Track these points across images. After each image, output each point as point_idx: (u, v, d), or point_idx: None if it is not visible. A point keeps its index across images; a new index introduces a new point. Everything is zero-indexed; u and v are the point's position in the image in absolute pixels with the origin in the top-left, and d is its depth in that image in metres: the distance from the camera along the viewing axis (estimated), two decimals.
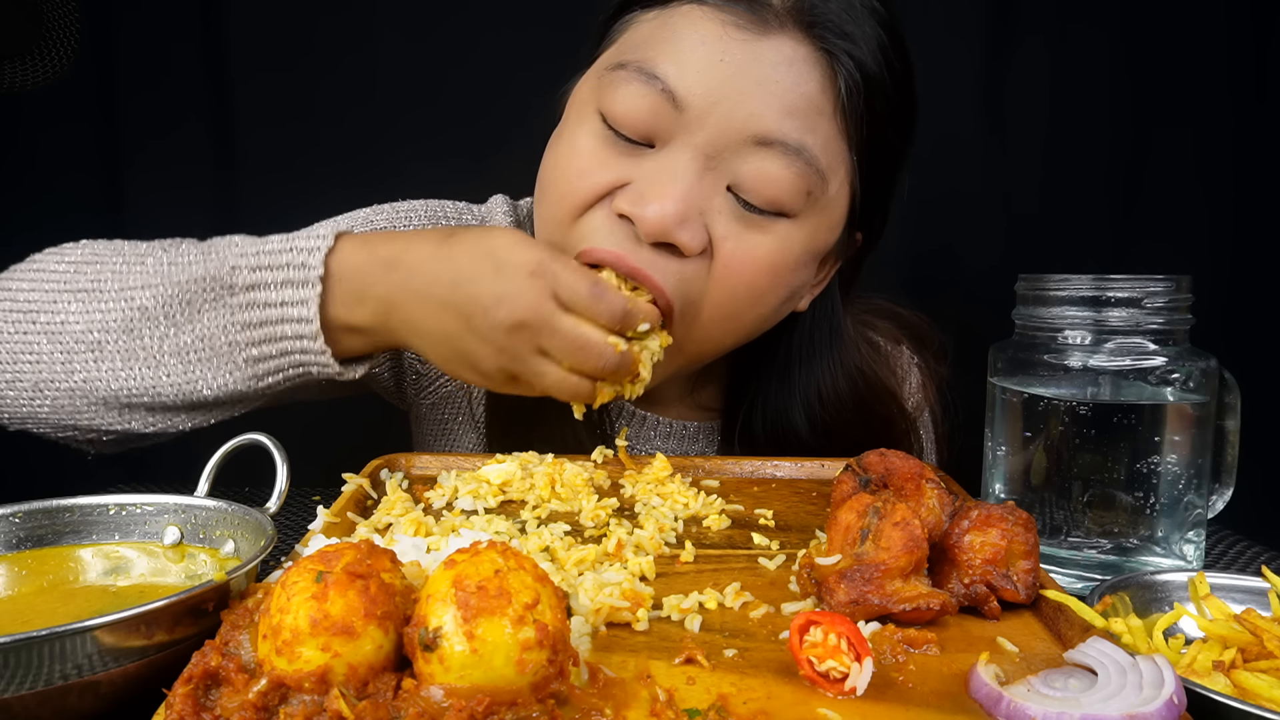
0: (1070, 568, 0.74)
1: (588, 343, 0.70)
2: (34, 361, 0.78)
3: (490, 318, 0.70)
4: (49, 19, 1.70)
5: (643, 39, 0.77)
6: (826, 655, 0.46)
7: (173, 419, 0.80)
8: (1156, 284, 0.73)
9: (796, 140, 0.72)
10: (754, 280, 0.76)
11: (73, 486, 0.71)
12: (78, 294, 0.78)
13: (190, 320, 0.75)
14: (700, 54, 0.72)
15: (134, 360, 0.76)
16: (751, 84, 0.72)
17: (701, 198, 0.73)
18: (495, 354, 0.71)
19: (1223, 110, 1.65)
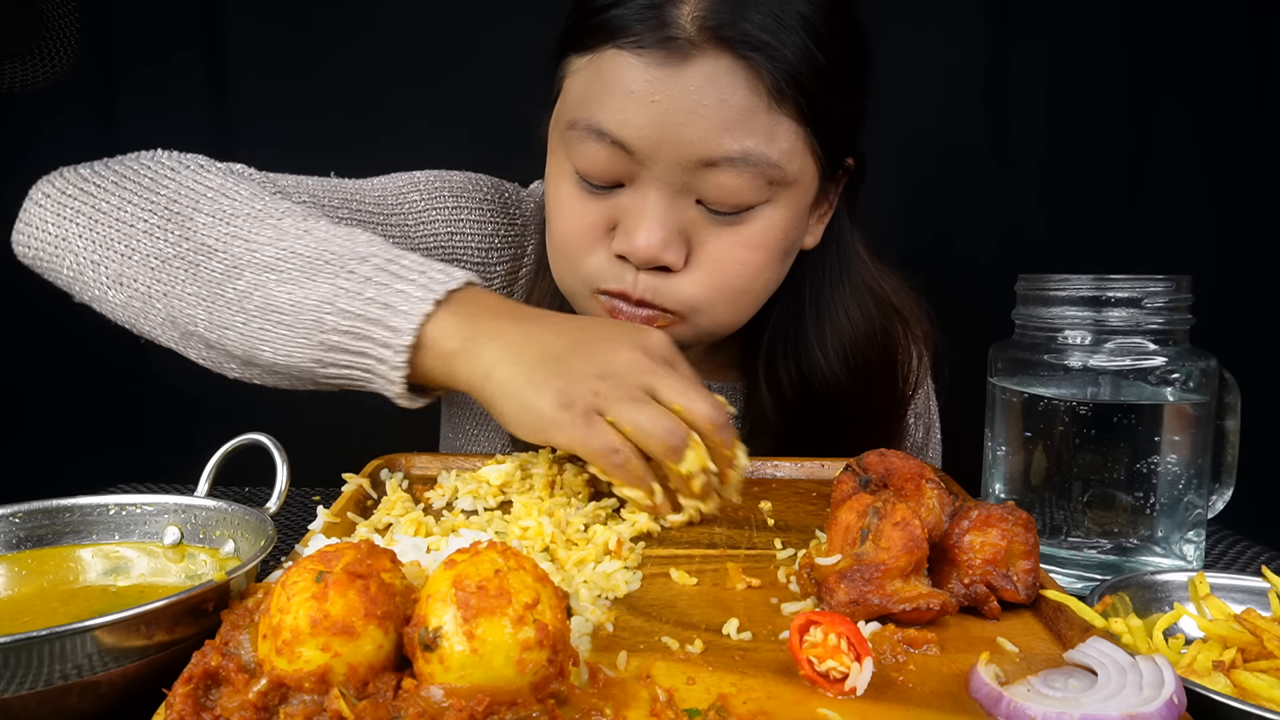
0: (1070, 568, 0.74)
1: (700, 391, 0.69)
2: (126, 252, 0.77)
3: (607, 347, 0.69)
4: (49, 19, 1.70)
5: (582, 91, 0.82)
6: (826, 655, 0.46)
7: (224, 363, 0.78)
8: (1156, 284, 0.73)
9: (740, 151, 0.78)
10: (749, 261, 0.84)
11: (73, 486, 0.71)
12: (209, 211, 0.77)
13: (294, 281, 0.72)
14: (631, 102, 0.78)
15: (219, 296, 0.74)
16: (683, 115, 0.77)
17: (677, 219, 0.82)
18: (594, 378, 0.67)
19: (1223, 109, 1.65)
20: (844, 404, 0.98)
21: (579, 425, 0.66)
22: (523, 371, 0.68)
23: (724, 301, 0.86)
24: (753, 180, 0.79)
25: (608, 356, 0.68)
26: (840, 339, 0.97)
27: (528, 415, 0.67)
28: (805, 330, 0.97)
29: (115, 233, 0.78)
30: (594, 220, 0.84)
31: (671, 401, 0.67)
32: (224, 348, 0.76)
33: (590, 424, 0.66)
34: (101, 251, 0.79)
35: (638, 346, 0.70)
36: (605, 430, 0.66)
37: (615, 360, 0.68)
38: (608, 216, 0.84)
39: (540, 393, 0.67)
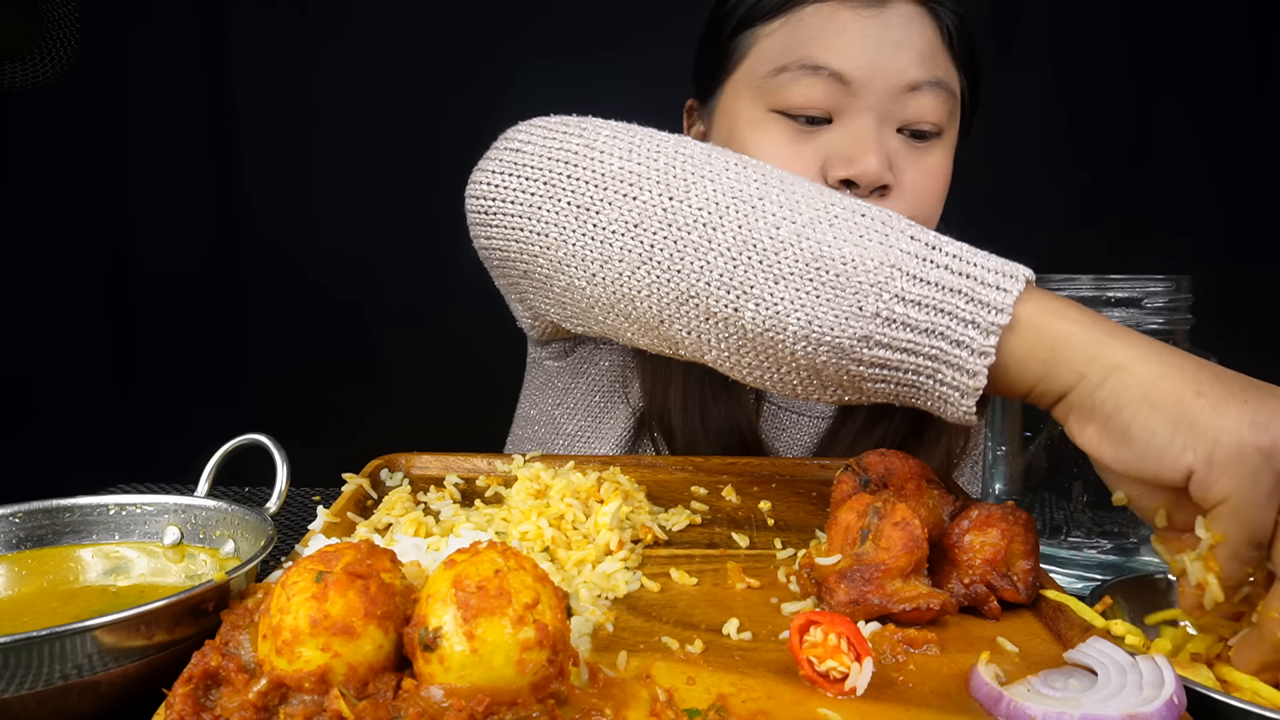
0: (1070, 568, 0.74)
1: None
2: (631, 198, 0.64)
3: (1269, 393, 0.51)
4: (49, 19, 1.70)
5: (785, 44, 0.90)
6: (826, 655, 0.47)
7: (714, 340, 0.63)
8: (1156, 284, 0.73)
9: (934, 77, 0.90)
10: (936, 189, 0.94)
11: (73, 487, 0.71)
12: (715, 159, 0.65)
13: (847, 236, 0.59)
14: (847, 38, 0.88)
15: (750, 247, 0.60)
16: (891, 47, 0.88)
17: (887, 144, 0.90)
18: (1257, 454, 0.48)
19: (1225, 110, 1.65)
20: None
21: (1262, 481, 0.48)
22: (1181, 379, 0.52)
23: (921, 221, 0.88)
24: (942, 104, 0.91)
25: None
26: None
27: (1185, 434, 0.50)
28: None
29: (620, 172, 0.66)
30: (809, 158, 0.90)
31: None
32: (736, 316, 0.61)
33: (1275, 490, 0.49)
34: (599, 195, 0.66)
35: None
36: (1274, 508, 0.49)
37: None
38: (820, 154, 0.90)
39: (1222, 413, 0.49)
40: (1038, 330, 0.56)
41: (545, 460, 0.83)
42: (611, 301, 0.67)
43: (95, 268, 1.82)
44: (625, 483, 0.75)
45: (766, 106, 0.91)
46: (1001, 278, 0.57)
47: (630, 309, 0.66)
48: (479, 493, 0.78)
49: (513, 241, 0.73)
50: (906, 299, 0.57)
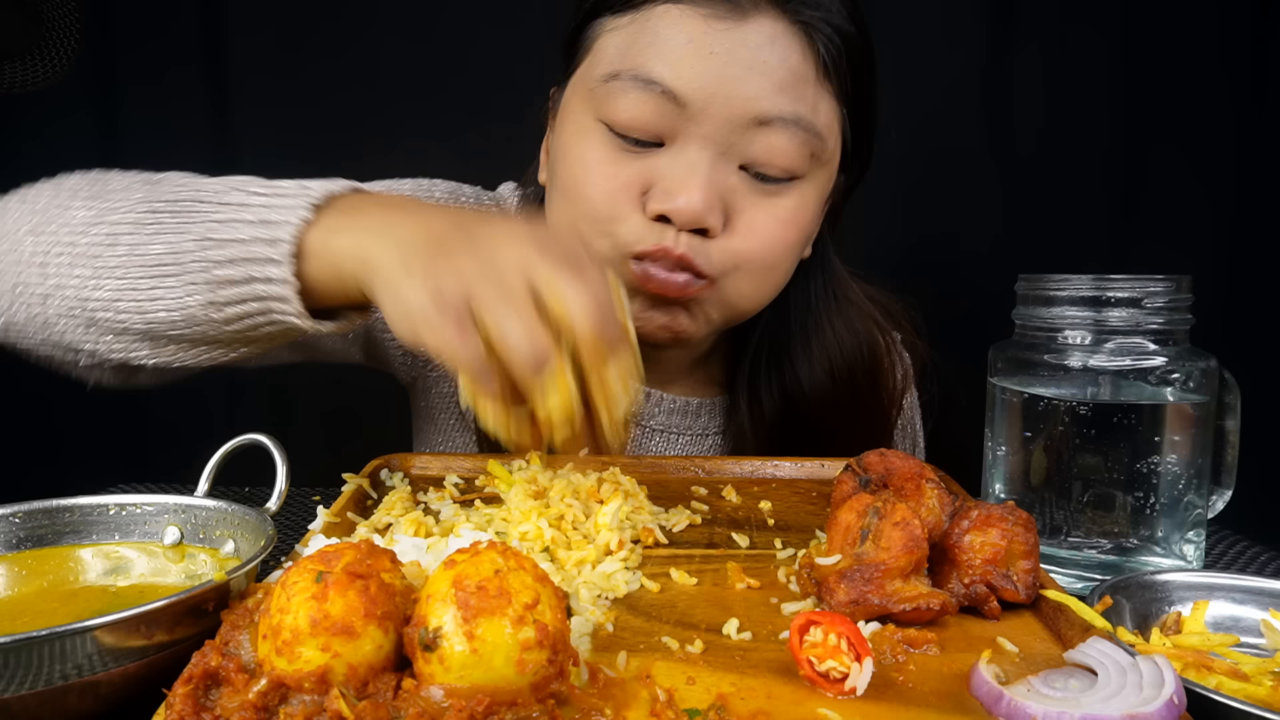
0: (1070, 568, 0.74)
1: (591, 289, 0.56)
2: (15, 261, 0.73)
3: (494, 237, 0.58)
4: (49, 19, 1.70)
5: (625, 46, 0.80)
6: (826, 655, 0.46)
7: (133, 347, 0.71)
8: (1156, 284, 0.73)
9: (793, 113, 0.78)
10: (783, 237, 0.83)
11: (73, 486, 0.71)
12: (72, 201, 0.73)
13: (167, 231, 0.67)
14: (689, 51, 0.76)
15: (103, 268, 0.69)
16: (742, 70, 0.76)
17: (719, 183, 0.79)
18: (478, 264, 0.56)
19: (1223, 110, 1.65)
20: (827, 419, 0.96)
21: (449, 327, 0.55)
22: (400, 258, 0.59)
23: (754, 273, 0.84)
24: (799, 147, 0.79)
25: (497, 242, 0.58)
26: (827, 354, 0.96)
27: (400, 309, 0.58)
28: (791, 344, 0.96)
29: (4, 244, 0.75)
30: (628, 180, 0.80)
31: (555, 297, 0.55)
32: (124, 325, 0.70)
33: (461, 328, 0.55)
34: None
35: (534, 236, 0.58)
36: (476, 340, 0.55)
37: (505, 247, 0.57)
38: (642, 178, 0.80)
39: (413, 283, 0.57)
40: (321, 251, 0.64)
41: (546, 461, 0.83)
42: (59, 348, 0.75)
43: None
44: (626, 483, 0.75)
45: (595, 114, 0.81)
46: (288, 212, 0.64)
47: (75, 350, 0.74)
48: (478, 492, 0.78)
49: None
50: (222, 260, 0.65)
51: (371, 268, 0.61)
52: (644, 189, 0.80)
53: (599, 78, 0.80)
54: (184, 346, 0.70)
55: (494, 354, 0.55)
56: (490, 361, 0.55)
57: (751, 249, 0.82)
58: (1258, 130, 1.64)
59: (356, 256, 0.62)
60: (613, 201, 0.81)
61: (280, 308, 0.66)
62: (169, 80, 1.74)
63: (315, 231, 0.64)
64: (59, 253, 0.71)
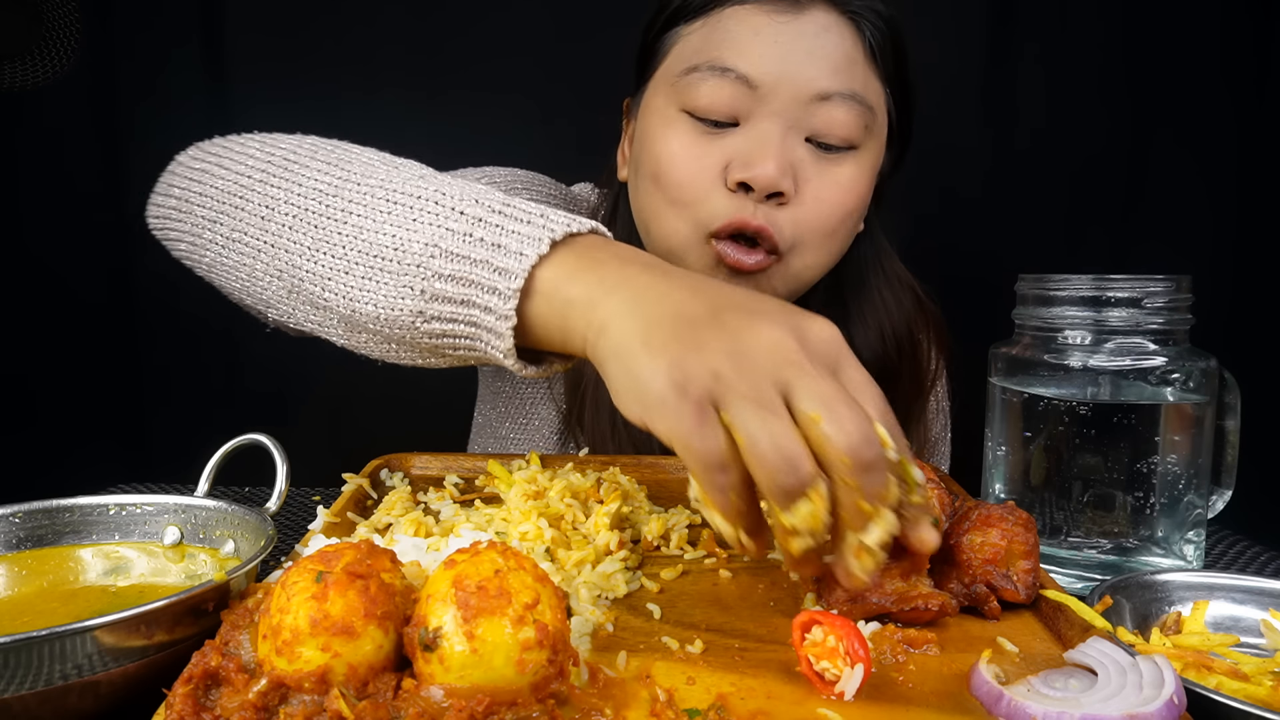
0: (1070, 568, 0.74)
1: (852, 405, 0.49)
2: (238, 208, 0.72)
3: (752, 322, 0.53)
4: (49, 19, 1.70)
5: (700, 44, 0.90)
6: (823, 655, 0.47)
7: (330, 325, 0.69)
8: (1156, 284, 0.73)
9: (848, 89, 0.88)
10: (843, 202, 0.91)
11: (73, 487, 0.71)
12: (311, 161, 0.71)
13: (398, 224, 0.64)
14: (757, 41, 0.87)
15: (324, 241, 0.66)
16: (802, 55, 0.87)
17: (790, 153, 0.88)
18: (728, 355, 0.51)
19: (1223, 110, 1.65)
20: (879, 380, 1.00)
21: (686, 416, 0.49)
22: (640, 329, 0.54)
23: (818, 239, 0.91)
24: (855, 118, 0.88)
25: (750, 332, 0.52)
26: (879, 322, 1.04)
27: (632, 386, 0.52)
28: (849, 313, 1.04)
29: (232, 185, 0.74)
30: (711, 161, 0.89)
31: (810, 410, 0.49)
32: (328, 303, 0.67)
33: (702, 418, 0.50)
34: (218, 207, 0.74)
35: (793, 327, 0.53)
36: (716, 433, 0.50)
37: (758, 338, 0.52)
38: (723, 157, 0.89)
39: (653, 359, 0.51)
40: (551, 295, 0.59)
41: (546, 461, 0.83)
42: (258, 301, 0.74)
43: (95, 267, 1.82)
44: (625, 483, 0.75)
45: (678, 105, 0.91)
46: (527, 242, 0.60)
47: (270, 307, 0.74)
48: (478, 492, 0.78)
49: (183, 254, 0.81)
50: (444, 275, 0.61)
51: (604, 329, 0.56)
52: (724, 166, 0.89)
53: (679, 73, 0.91)
54: (377, 340, 0.67)
55: (734, 451, 0.50)
56: (729, 459, 0.50)
57: (820, 215, 0.90)
58: (1258, 131, 1.64)
59: (588, 311, 0.57)
60: (698, 181, 0.89)
61: (490, 340, 0.61)
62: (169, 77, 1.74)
63: (549, 270, 0.59)
64: (285, 211, 0.69)
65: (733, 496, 0.51)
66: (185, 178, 0.78)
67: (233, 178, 0.74)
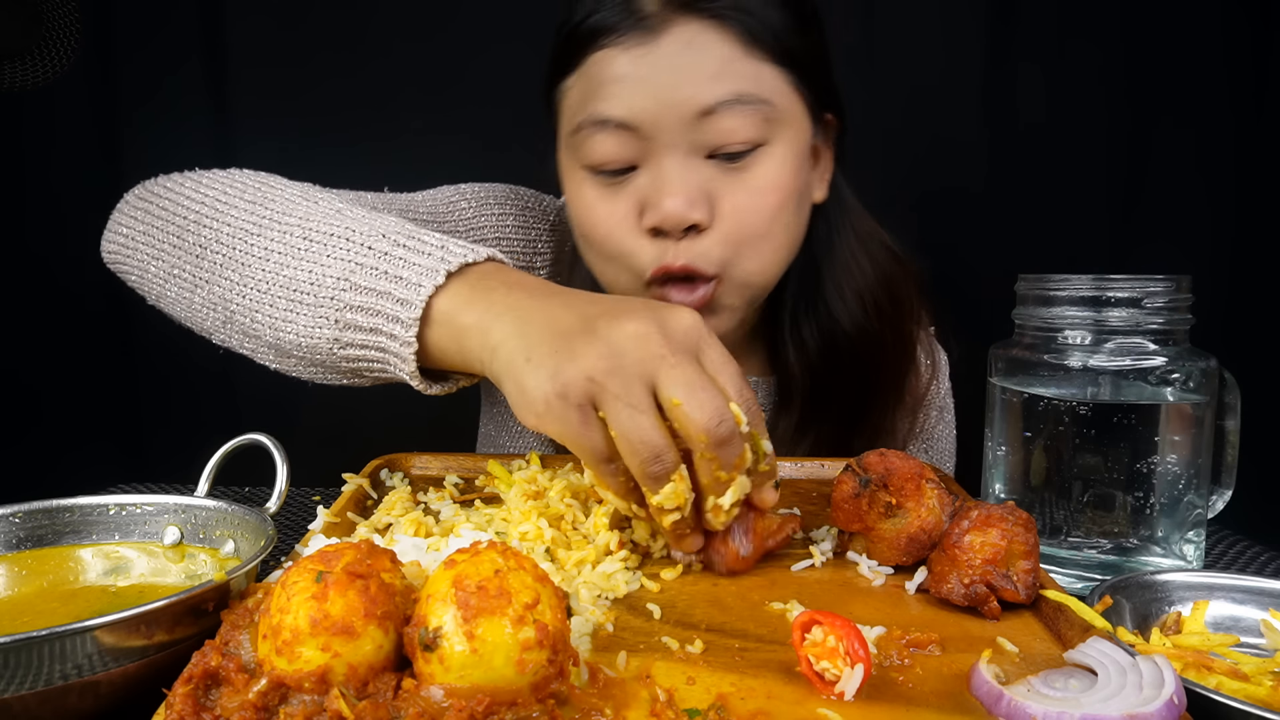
0: (1070, 568, 0.74)
1: (708, 389, 0.57)
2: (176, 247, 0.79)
3: (617, 323, 0.59)
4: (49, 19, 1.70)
5: (578, 100, 0.88)
6: (823, 656, 0.47)
7: (261, 352, 0.76)
8: (1156, 284, 0.73)
9: (730, 93, 0.83)
10: (765, 204, 0.87)
11: (73, 487, 0.71)
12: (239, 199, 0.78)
13: (314, 262, 0.70)
14: (624, 85, 0.84)
15: (250, 278, 0.73)
16: (672, 78, 0.83)
17: (694, 178, 0.85)
18: (597, 359, 0.58)
19: (1223, 110, 1.65)
20: (862, 350, 1.01)
21: (571, 419, 0.58)
22: (524, 347, 0.61)
23: (754, 248, 0.89)
24: (750, 118, 0.84)
25: (617, 331, 0.59)
26: (854, 285, 1.01)
27: (523, 398, 0.60)
28: (822, 282, 1.01)
29: (170, 226, 0.80)
30: (624, 210, 0.88)
31: (672, 396, 0.57)
32: (256, 333, 0.74)
33: (585, 419, 0.58)
34: (159, 246, 0.81)
35: (655, 322, 0.59)
36: (597, 431, 0.58)
37: (623, 337, 0.58)
38: (634, 202, 0.87)
39: (536, 372, 0.59)
40: (447, 323, 0.66)
41: (546, 461, 0.83)
42: (200, 329, 0.81)
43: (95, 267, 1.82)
44: None
45: (579, 163, 0.89)
46: (425, 274, 0.66)
47: (210, 334, 0.80)
48: (478, 492, 0.78)
49: (135, 287, 0.87)
50: (354, 307, 0.68)
51: (495, 351, 0.63)
52: (638, 213, 0.87)
53: (569, 133, 0.90)
54: (304, 365, 0.74)
55: (614, 444, 0.58)
56: (612, 451, 0.59)
57: (743, 226, 0.87)
58: (1257, 131, 1.64)
59: (481, 336, 0.64)
60: (617, 235, 0.88)
61: (397, 364, 0.68)
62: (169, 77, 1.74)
63: (444, 300, 0.66)
64: (216, 250, 0.76)
65: (621, 479, 0.60)
66: (130, 217, 0.86)
67: (173, 218, 0.81)
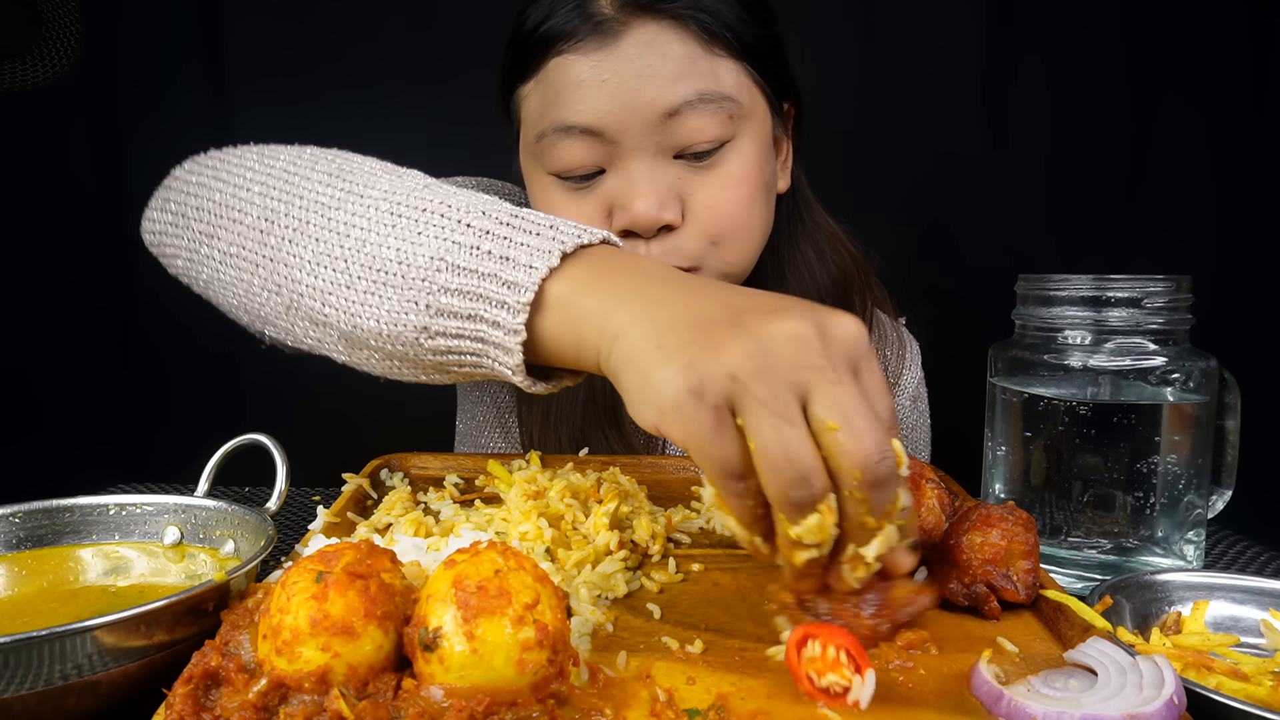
0: (1070, 568, 0.74)
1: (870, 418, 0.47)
2: (236, 221, 0.70)
3: (772, 319, 0.50)
4: (49, 19, 1.70)
5: (539, 107, 0.88)
6: (826, 669, 0.45)
7: (330, 341, 0.67)
8: (1156, 284, 0.73)
9: (694, 92, 0.84)
10: (738, 196, 0.88)
11: (73, 487, 0.71)
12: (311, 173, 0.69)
13: (403, 237, 0.62)
14: (586, 90, 0.84)
15: (325, 255, 0.64)
16: (634, 81, 0.83)
17: (663, 179, 0.85)
18: (746, 356, 0.48)
19: (1224, 109, 1.65)
20: None
21: (703, 422, 0.48)
22: (654, 333, 0.52)
23: (727, 242, 0.89)
24: (715, 116, 0.85)
25: (770, 328, 0.49)
26: (800, 277, 1.01)
27: (647, 392, 0.50)
28: (781, 274, 1.01)
29: (230, 199, 0.72)
30: (590, 212, 0.87)
31: (827, 417, 0.47)
32: (327, 319, 0.65)
33: (719, 424, 0.48)
34: (215, 221, 0.72)
35: (816, 325, 0.50)
36: (732, 440, 0.48)
37: (778, 336, 0.49)
38: (602, 205, 0.87)
39: (667, 363, 0.50)
40: (563, 308, 0.57)
41: (546, 461, 0.83)
42: (256, 318, 0.72)
43: (94, 267, 1.82)
44: (625, 483, 0.75)
45: (543, 170, 0.89)
46: (536, 255, 0.58)
47: (268, 324, 0.71)
48: (478, 492, 0.78)
49: (179, 271, 0.78)
50: (450, 289, 0.59)
51: (617, 339, 0.54)
52: (606, 213, 0.87)
53: (532, 140, 0.88)
54: (380, 357, 0.65)
55: (750, 458, 0.48)
56: (746, 467, 0.48)
57: (718, 221, 0.87)
58: (1259, 130, 1.64)
59: (601, 322, 0.55)
60: None
61: (498, 356, 0.59)
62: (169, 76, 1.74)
63: (560, 283, 0.57)
64: (285, 224, 0.67)
65: (749, 503, 0.49)
66: (182, 192, 0.77)
67: (230, 190, 0.72)
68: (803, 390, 0.48)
